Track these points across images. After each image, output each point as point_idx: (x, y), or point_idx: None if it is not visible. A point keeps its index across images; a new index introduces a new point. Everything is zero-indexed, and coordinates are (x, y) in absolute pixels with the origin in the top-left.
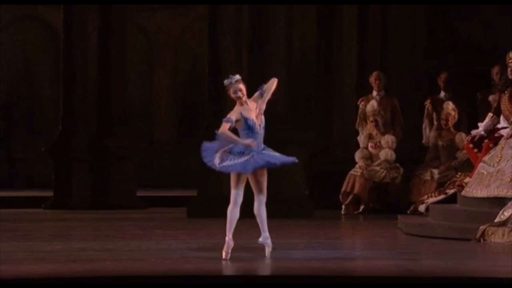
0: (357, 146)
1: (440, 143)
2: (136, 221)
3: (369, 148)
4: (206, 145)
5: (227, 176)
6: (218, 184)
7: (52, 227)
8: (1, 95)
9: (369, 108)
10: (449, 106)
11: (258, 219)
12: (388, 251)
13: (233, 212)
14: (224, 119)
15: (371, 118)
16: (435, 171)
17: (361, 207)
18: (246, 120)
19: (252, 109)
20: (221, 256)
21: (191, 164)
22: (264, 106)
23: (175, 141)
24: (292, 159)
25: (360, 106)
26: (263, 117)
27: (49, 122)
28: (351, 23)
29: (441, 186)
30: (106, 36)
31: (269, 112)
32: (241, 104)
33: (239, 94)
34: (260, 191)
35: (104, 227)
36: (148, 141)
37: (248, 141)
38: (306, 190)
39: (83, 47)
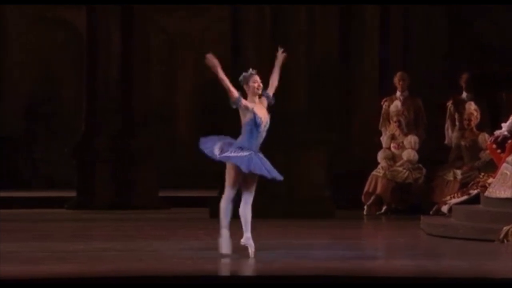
0: (379, 147)
1: (462, 143)
2: (158, 222)
3: (392, 149)
4: (204, 138)
5: None
6: None
7: (74, 227)
8: (23, 95)
9: (392, 108)
10: (471, 106)
11: (242, 219)
12: (410, 251)
13: (227, 207)
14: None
15: (394, 119)
16: (458, 172)
17: (384, 208)
18: (255, 115)
19: (262, 108)
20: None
21: (213, 165)
22: (277, 75)
23: (197, 141)
24: (280, 177)
25: (384, 106)
26: (268, 120)
27: (71, 123)
28: (373, 23)
29: (464, 186)
30: (128, 36)
31: (290, 112)
32: (254, 99)
33: (259, 83)
34: (248, 189)
35: (126, 227)
36: (170, 142)
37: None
38: (327, 191)
39: (105, 48)
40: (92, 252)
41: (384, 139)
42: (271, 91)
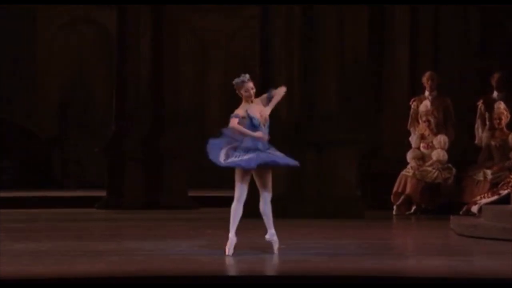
0: (408, 146)
1: (493, 143)
2: (188, 221)
3: (421, 149)
4: (212, 141)
5: (279, 177)
6: None
7: (105, 227)
8: (55, 96)
9: (422, 108)
10: (501, 105)
11: (264, 218)
12: (440, 252)
13: (236, 208)
14: (232, 115)
15: (424, 118)
16: (488, 172)
17: (413, 208)
18: (251, 118)
19: (258, 108)
20: (224, 252)
21: None
22: (269, 112)
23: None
24: (294, 162)
25: (412, 106)
26: (268, 117)
27: (102, 123)
28: (403, 23)
29: (494, 186)
30: (158, 37)
31: (320, 113)
32: (248, 102)
33: (251, 92)
34: (265, 187)
35: (156, 227)
36: (200, 141)
37: (258, 133)
38: (357, 191)
39: (136, 48)
40: (123, 252)
41: (413, 139)
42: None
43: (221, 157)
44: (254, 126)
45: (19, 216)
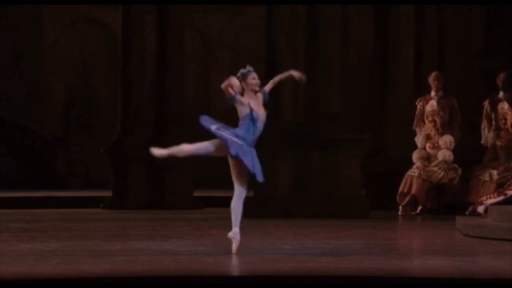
0: (414, 147)
1: (498, 143)
2: (193, 221)
3: (427, 149)
4: (205, 117)
5: (283, 177)
6: (274, 185)
7: (110, 227)
8: (60, 96)
9: (428, 108)
10: (505, 106)
11: (232, 214)
12: (446, 252)
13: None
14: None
15: (430, 118)
16: (494, 172)
17: (419, 208)
18: (252, 110)
19: (259, 104)
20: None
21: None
22: (268, 90)
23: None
24: (260, 177)
25: (418, 106)
26: (265, 116)
27: (107, 123)
28: (407, 23)
29: (500, 187)
30: (163, 37)
31: (325, 112)
32: (251, 94)
33: (258, 80)
34: (240, 183)
35: (161, 227)
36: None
37: (298, 73)
38: (362, 191)
39: (140, 49)
40: (128, 252)
41: (418, 139)
42: (268, 88)
43: (213, 126)
44: (252, 119)
45: (24, 216)
